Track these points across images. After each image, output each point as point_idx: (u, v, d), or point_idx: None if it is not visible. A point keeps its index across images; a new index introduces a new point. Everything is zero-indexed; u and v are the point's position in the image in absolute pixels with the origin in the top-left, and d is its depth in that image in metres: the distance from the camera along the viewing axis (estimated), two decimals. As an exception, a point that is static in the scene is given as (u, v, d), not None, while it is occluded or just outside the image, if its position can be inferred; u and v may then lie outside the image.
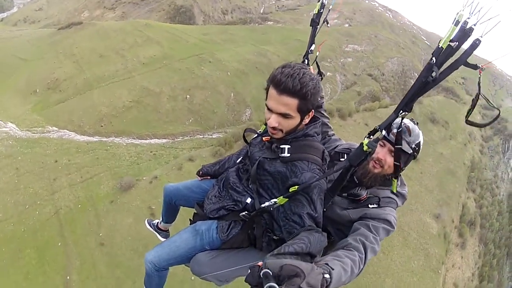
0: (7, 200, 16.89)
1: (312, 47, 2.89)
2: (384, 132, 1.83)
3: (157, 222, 3.13)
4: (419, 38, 62.37)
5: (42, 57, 35.14)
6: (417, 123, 2.20)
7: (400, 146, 2.02)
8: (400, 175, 2.22)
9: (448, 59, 1.57)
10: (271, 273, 1.29)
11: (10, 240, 15.13)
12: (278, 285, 1.16)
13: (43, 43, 38.93)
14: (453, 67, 1.53)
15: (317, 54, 2.83)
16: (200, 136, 25.44)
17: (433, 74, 1.56)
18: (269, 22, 56.87)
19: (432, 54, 1.60)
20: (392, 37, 54.91)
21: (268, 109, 1.82)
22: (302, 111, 1.79)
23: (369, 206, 2.10)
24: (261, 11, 73.66)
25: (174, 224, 3.05)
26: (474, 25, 1.47)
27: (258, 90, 29.59)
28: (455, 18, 1.52)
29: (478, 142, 30.95)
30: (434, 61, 1.56)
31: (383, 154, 2.11)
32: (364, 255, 1.81)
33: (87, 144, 21.66)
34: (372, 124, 19.23)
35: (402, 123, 2.01)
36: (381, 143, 2.13)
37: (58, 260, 14.38)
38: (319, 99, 1.92)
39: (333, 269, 1.43)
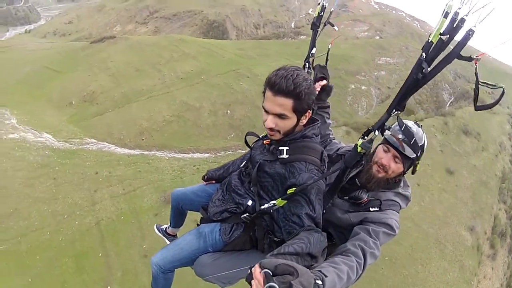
0: (44, 209, 18.25)
1: (313, 50, 3.33)
2: (377, 133, 2.04)
3: (166, 227, 3.59)
4: (448, 48, 63.63)
5: (76, 70, 38.37)
6: (421, 126, 2.43)
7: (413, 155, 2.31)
8: (404, 176, 2.46)
9: (440, 53, 1.70)
10: (271, 273, 1.45)
11: (46, 248, 16.23)
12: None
13: (76, 56, 42.56)
14: (446, 61, 1.66)
15: (328, 49, 3.24)
16: (243, 151, 26.92)
17: (423, 70, 1.72)
18: (301, 37, 60.20)
19: (422, 49, 1.74)
20: (420, 47, 56.81)
21: (265, 111, 2.07)
22: (298, 111, 2.03)
23: (370, 209, 2.29)
24: (293, 25, 78.60)
25: (182, 229, 3.45)
26: (466, 15, 1.56)
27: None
28: (444, 10, 1.62)
29: (508, 153, 31.93)
30: (424, 57, 1.72)
31: (387, 160, 2.33)
32: (363, 261, 1.99)
33: (128, 157, 23.43)
34: None
35: (407, 126, 2.31)
36: (385, 148, 2.35)
37: (98, 270, 15.33)
38: (314, 99, 2.11)
39: (326, 276, 1.61)
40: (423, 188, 21.80)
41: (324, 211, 2.18)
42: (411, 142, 2.27)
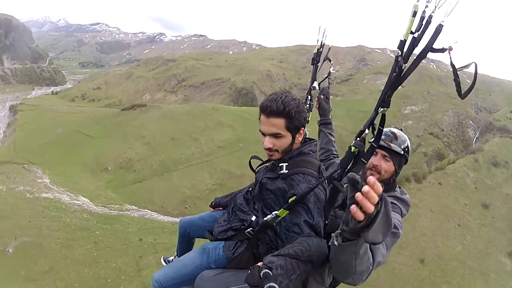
0: (84, 271, 19.45)
1: (315, 84, 3.70)
2: (367, 131, 2.20)
3: (172, 258, 3.64)
4: (464, 82, 65.86)
5: (108, 136, 42.29)
6: (401, 129, 2.70)
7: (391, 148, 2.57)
8: (400, 186, 2.69)
9: (414, 49, 1.91)
10: (271, 273, 1.68)
11: None
12: None
13: (108, 122, 46.89)
14: (421, 56, 1.89)
15: (330, 71, 3.73)
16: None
17: (400, 66, 1.93)
18: (330, 96, 64.15)
19: (397, 47, 1.95)
20: (442, 89, 61.64)
21: (262, 133, 2.33)
22: (291, 129, 2.28)
23: None
24: (316, 86, 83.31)
25: None
26: (433, 12, 1.80)
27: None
28: (412, 10, 1.85)
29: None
30: (399, 54, 1.93)
31: (378, 160, 2.59)
32: (372, 258, 2.08)
33: (172, 225, 24.68)
34: (445, 183, 27.02)
35: (388, 130, 2.63)
36: (374, 152, 2.51)
37: (146, 334, 15.75)
38: (305, 117, 2.36)
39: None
40: (463, 227, 23.81)
41: (326, 222, 2.31)
42: (395, 139, 2.61)
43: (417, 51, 1.91)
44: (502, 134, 42.85)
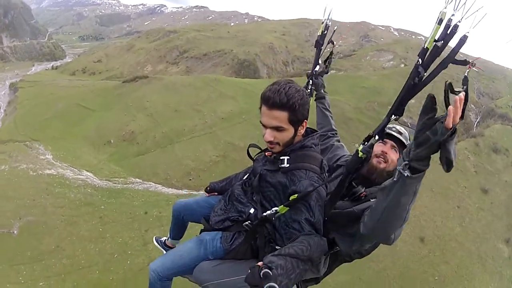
0: (90, 247, 19.39)
1: (317, 68, 3.79)
2: (377, 137, 2.18)
3: (165, 239, 3.78)
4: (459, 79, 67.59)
5: (110, 109, 41.98)
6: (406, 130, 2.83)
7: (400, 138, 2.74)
8: None
9: (435, 58, 1.86)
10: (271, 273, 1.69)
11: (95, 287, 17.20)
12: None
13: (109, 95, 46.58)
14: (442, 66, 1.82)
15: (332, 51, 3.80)
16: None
17: (420, 75, 1.88)
18: (331, 71, 63.82)
19: (418, 55, 1.90)
20: (445, 71, 60.52)
21: (263, 125, 2.32)
22: (294, 122, 2.26)
23: (371, 200, 2.45)
24: (319, 60, 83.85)
25: (181, 241, 3.67)
26: (459, 21, 1.73)
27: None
28: (438, 17, 1.80)
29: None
30: (420, 62, 1.88)
31: (387, 149, 2.69)
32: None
33: (177, 197, 24.41)
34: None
35: (393, 126, 2.77)
36: (382, 143, 2.69)
37: (153, 310, 16.48)
38: (308, 108, 2.36)
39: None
40: (463, 209, 24.07)
41: (326, 218, 2.37)
42: (403, 133, 2.77)
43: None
44: (503, 122, 43.19)
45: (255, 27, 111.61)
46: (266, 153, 2.58)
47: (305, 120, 2.36)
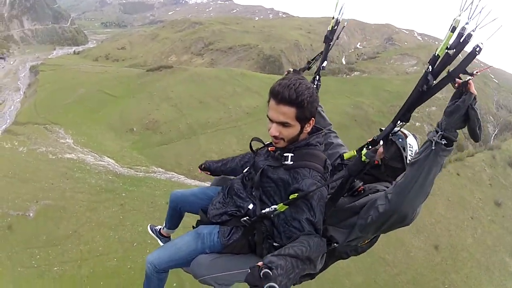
0: (110, 235, 19.41)
1: (324, 64, 3.81)
2: (381, 143, 2.24)
3: (160, 228, 3.93)
4: (489, 77, 68.48)
5: (133, 96, 42.24)
6: (414, 135, 2.93)
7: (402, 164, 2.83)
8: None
9: (446, 67, 1.89)
10: (271, 273, 1.72)
11: (112, 275, 17.09)
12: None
13: (132, 83, 46.92)
14: (452, 75, 1.86)
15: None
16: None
17: (429, 82, 1.91)
18: (356, 73, 64.62)
19: (428, 62, 1.93)
20: (464, 79, 62.23)
21: (270, 119, 2.35)
22: (301, 119, 2.31)
23: (371, 195, 2.60)
24: (343, 61, 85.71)
25: (176, 231, 3.82)
26: (473, 30, 1.73)
27: (359, 142, 34.76)
28: (451, 24, 1.80)
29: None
30: (430, 70, 1.91)
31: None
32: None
33: None
34: (463, 174, 27.94)
35: (399, 130, 2.55)
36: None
37: (172, 300, 15.74)
38: (317, 107, 2.39)
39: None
40: (476, 220, 25.10)
41: (325, 219, 2.44)
42: (409, 153, 2.87)
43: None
44: (520, 135, 45.89)
45: (280, 23, 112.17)
46: (269, 148, 2.65)
47: (313, 118, 2.39)
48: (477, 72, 1.86)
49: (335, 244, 2.65)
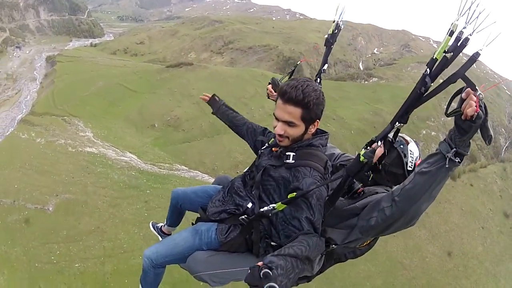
0: (134, 232, 19.45)
1: (325, 67, 3.88)
2: (380, 143, 2.30)
3: (161, 225, 4.10)
4: (501, 89, 69.87)
5: (153, 92, 42.53)
6: (416, 141, 3.05)
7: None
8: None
9: (443, 70, 1.95)
10: (271, 273, 1.75)
11: (137, 272, 16.97)
12: None
13: (152, 78, 47.20)
14: (450, 80, 1.89)
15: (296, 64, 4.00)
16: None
17: (426, 85, 1.98)
18: (374, 79, 65.16)
19: (426, 65, 1.98)
20: (480, 90, 63.47)
21: (276, 118, 2.49)
22: (306, 120, 2.43)
23: (370, 196, 2.70)
24: (361, 65, 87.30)
25: (177, 229, 3.90)
26: (470, 35, 1.80)
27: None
28: (449, 28, 1.86)
29: None
30: (428, 72, 1.97)
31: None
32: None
33: None
34: (476, 185, 31.35)
35: (402, 135, 2.98)
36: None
37: (198, 299, 15.70)
38: (323, 109, 2.50)
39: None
40: (486, 230, 27.12)
41: (323, 220, 2.47)
42: (409, 159, 2.96)
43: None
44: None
45: (299, 24, 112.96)
46: (273, 149, 2.75)
47: (318, 120, 2.52)
48: (479, 93, 1.83)
49: (333, 246, 2.70)
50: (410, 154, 2.99)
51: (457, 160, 1.95)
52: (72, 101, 40.45)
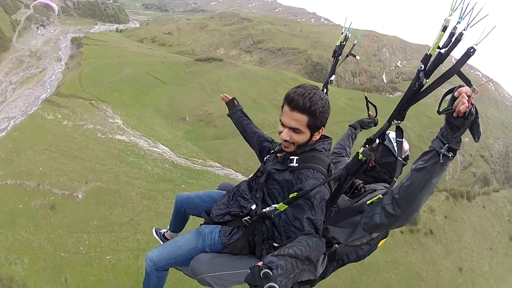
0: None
1: (332, 78, 3.99)
2: (378, 141, 2.35)
3: (164, 232, 4.09)
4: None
5: (183, 84, 42.88)
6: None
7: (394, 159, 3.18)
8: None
9: (438, 66, 1.95)
10: (271, 273, 1.78)
11: (172, 270, 17.53)
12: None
13: (181, 70, 47.59)
14: (446, 76, 1.88)
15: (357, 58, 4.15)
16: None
17: (421, 81, 1.99)
18: (398, 93, 66.02)
19: (421, 61, 1.99)
20: (497, 114, 68.80)
21: (282, 124, 2.60)
22: (312, 127, 2.54)
23: (371, 194, 2.80)
24: (384, 77, 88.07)
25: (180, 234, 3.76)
26: (465, 29, 1.82)
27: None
28: (442, 24, 1.89)
29: None
30: (423, 68, 1.97)
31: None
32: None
33: None
34: (488, 207, 33.20)
35: (389, 137, 3.24)
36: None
37: (236, 295, 16.30)
38: (328, 117, 2.62)
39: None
40: (493, 251, 28.84)
41: (325, 219, 2.53)
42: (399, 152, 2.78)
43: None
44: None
45: (326, 30, 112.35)
46: (277, 154, 2.85)
47: (322, 128, 2.65)
48: (476, 89, 1.85)
49: (336, 245, 2.75)
50: (392, 139, 3.30)
51: (450, 155, 2.02)
52: (100, 86, 40.70)
